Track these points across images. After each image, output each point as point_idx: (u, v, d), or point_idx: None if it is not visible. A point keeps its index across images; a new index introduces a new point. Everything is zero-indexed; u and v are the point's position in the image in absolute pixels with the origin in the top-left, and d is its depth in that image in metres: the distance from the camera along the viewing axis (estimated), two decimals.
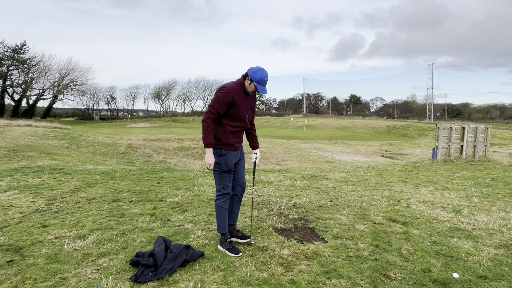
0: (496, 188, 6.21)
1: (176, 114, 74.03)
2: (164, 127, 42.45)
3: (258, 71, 2.99)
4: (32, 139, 13.82)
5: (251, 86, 3.01)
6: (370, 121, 48.56)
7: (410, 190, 5.88)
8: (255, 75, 2.97)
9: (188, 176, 6.86)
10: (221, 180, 3.13)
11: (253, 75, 2.97)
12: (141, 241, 3.30)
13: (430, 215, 4.38)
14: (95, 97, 71.37)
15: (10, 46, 48.61)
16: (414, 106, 77.28)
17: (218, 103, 2.95)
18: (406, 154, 17.25)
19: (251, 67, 3.05)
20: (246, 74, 3.02)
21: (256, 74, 2.97)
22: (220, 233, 3.21)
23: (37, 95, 54.01)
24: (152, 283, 2.52)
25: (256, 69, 3.00)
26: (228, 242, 3.14)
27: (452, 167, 9.08)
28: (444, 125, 10.99)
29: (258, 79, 2.97)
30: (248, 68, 3.05)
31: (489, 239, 3.58)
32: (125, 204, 4.68)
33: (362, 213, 4.42)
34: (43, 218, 4.01)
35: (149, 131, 29.68)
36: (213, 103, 2.97)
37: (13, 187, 5.59)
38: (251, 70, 3.01)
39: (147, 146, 15.48)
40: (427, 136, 31.83)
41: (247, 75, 3.00)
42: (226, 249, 3.09)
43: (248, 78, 3.00)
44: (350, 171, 7.94)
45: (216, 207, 3.17)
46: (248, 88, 3.03)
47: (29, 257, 2.93)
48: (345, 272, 2.77)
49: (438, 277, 2.72)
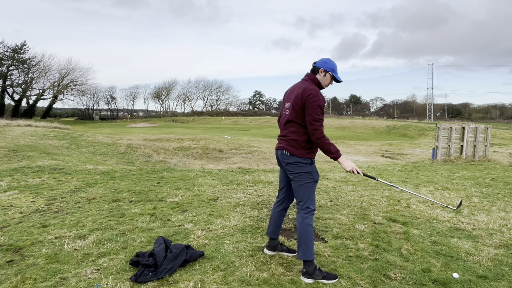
0: (496, 188, 6.21)
1: (176, 114, 74.03)
2: (164, 127, 42.44)
3: (328, 60, 2.71)
4: (32, 139, 13.82)
5: (327, 78, 2.71)
6: (370, 121, 48.55)
7: (410, 190, 5.88)
8: (328, 64, 2.70)
9: (188, 176, 6.86)
10: (311, 194, 2.67)
11: (327, 65, 2.69)
12: (141, 241, 3.30)
13: (430, 215, 4.38)
14: (95, 97, 71.49)
15: (10, 46, 48.65)
16: (414, 106, 77.28)
17: (323, 112, 2.60)
18: (406, 154, 17.25)
19: (316, 61, 2.75)
20: (316, 69, 2.72)
21: (329, 63, 2.70)
22: (308, 260, 2.60)
23: (37, 95, 54.03)
24: (152, 283, 2.52)
25: (325, 60, 2.72)
26: (319, 270, 2.63)
27: (452, 167, 9.08)
28: (444, 125, 10.99)
29: (332, 67, 2.70)
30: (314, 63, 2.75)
31: (489, 239, 3.58)
32: (125, 204, 4.68)
33: (362, 213, 4.42)
34: (43, 218, 4.01)
35: (149, 131, 29.68)
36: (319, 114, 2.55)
37: (13, 187, 5.59)
38: (321, 62, 2.71)
39: (147, 146, 15.47)
40: (427, 136, 31.83)
41: (318, 69, 2.70)
42: (322, 278, 2.58)
43: (321, 71, 2.69)
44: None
45: (304, 226, 2.61)
46: (324, 81, 2.72)
47: (29, 257, 2.93)
48: (345, 272, 2.77)
49: (438, 277, 2.72)
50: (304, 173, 2.64)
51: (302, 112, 2.60)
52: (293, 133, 2.66)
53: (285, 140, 2.72)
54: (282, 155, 2.73)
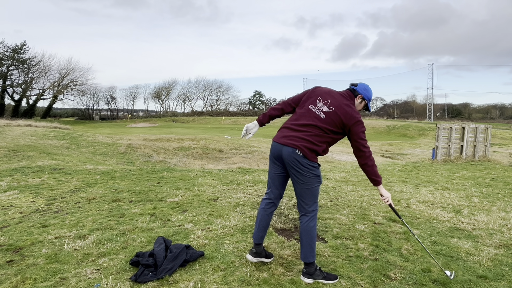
0: (496, 188, 6.21)
1: (176, 114, 74.04)
2: (164, 127, 42.44)
3: (369, 88, 2.77)
4: (32, 139, 13.82)
5: (361, 105, 2.77)
6: (370, 121, 48.54)
7: (410, 190, 5.88)
8: (369, 93, 2.75)
9: (188, 176, 6.86)
10: (317, 196, 2.70)
11: (367, 93, 2.74)
12: (141, 241, 3.30)
13: (430, 215, 4.38)
14: (95, 97, 71.42)
15: (10, 46, 48.63)
16: (414, 106, 77.30)
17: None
18: (406, 154, 17.25)
19: (359, 84, 2.78)
20: (354, 91, 2.74)
21: (369, 92, 2.76)
22: (311, 261, 2.62)
23: (37, 95, 54.02)
24: (152, 283, 2.52)
25: (367, 86, 2.77)
26: (320, 270, 2.65)
27: (452, 167, 9.08)
28: (444, 125, 11.00)
29: (370, 97, 2.78)
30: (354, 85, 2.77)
31: (489, 239, 3.58)
32: (125, 204, 4.68)
33: (362, 213, 4.42)
34: (43, 218, 4.01)
35: (149, 131, 29.67)
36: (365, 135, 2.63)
37: (13, 187, 5.59)
38: (363, 88, 2.74)
39: (147, 146, 15.48)
40: (427, 136, 31.84)
41: (358, 94, 2.72)
42: (322, 278, 2.60)
43: (359, 97, 2.72)
44: (350, 171, 7.94)
45: (310, 229, 2.62)
46: (357, 106, 2.74)
47: (29, 257, 2.93)
48: (345, 272, 2.77)
49: (438, 277, 2.72)
50: (314, 176, 2.61)
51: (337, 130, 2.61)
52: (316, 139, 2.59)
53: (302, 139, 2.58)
54: (293, 154, 2.56)
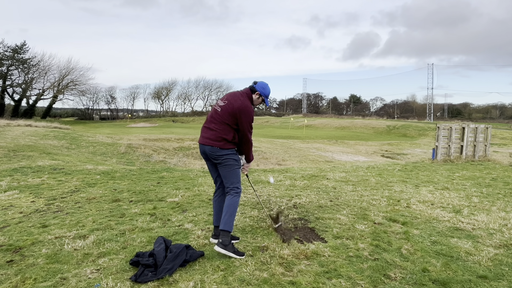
0: (496, 188, 6.21)
1: (176, 114, 74.03)
2: (164, 127, 42.44)
3: (267, 86, 3.28)
4: (32, 139, 13.82)
5: (259, 100, 3.27)
6: (370, 121, 48.56)
7: (410, 190, 5.88)
8: (265, 90, 3.25)
9: (188, 176, 6.86)
10: (239, 177, 3.19)
11: (264, 90, 3.24)
12: (141, 241, 3.30)
13: (430, 215, 4.38)
14: (95, 97, 71.33)
15: (10, 46, 48.58)
16: (414, 106, 77.28)
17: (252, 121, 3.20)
18: (406, 154, 17.25)
19: (257, 82, 3.29)
20: (253, 88, 3.25)
21: (266, 89, 3.26)
22: (229, 230, 3.02)
23: (37, 95, 53.98)
24: (152, 283, 2.52)
25: (264, 85, 3.27)
26: (232, 245, 3.04)
27: (452, 167, 9.08)
28: (444, 125, 11.00)
29: (267, 94, 3.27)
30: (254, 83, 3.28)
31: (489, 239, 3.58)
32: (125, 204, 4.68)
33: (362, 213, 4.42)
34: (43, 218, 4.01)
35: (149, 131, 29.67)
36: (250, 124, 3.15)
37: (13, 187, 5.59)
38: (260, 86, 3.25)
39: (147, 146, 15.48)
40: (427, 136, 31.84)
41: (255, 90, 3.24)
42: (232, 252, 2.97)
43: (257, 93, 3.24)
44: (350, 171, 7.94)
45: (234, 203, 3.10)
46: (255, 101, 3.27)
47: (29, 257, 2.93)
48: (345, 272, 2.77)
49: (438, 277, 2.72)
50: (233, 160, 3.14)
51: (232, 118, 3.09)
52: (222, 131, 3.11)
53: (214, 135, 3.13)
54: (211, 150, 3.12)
